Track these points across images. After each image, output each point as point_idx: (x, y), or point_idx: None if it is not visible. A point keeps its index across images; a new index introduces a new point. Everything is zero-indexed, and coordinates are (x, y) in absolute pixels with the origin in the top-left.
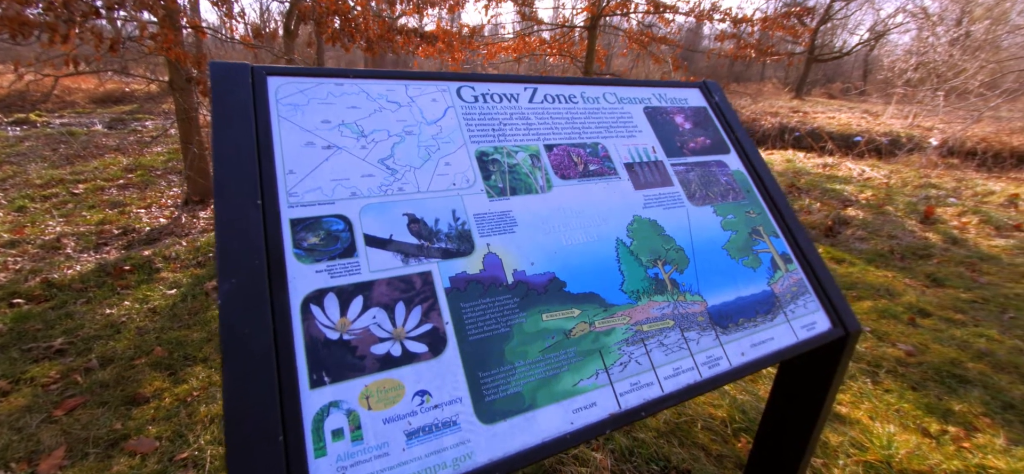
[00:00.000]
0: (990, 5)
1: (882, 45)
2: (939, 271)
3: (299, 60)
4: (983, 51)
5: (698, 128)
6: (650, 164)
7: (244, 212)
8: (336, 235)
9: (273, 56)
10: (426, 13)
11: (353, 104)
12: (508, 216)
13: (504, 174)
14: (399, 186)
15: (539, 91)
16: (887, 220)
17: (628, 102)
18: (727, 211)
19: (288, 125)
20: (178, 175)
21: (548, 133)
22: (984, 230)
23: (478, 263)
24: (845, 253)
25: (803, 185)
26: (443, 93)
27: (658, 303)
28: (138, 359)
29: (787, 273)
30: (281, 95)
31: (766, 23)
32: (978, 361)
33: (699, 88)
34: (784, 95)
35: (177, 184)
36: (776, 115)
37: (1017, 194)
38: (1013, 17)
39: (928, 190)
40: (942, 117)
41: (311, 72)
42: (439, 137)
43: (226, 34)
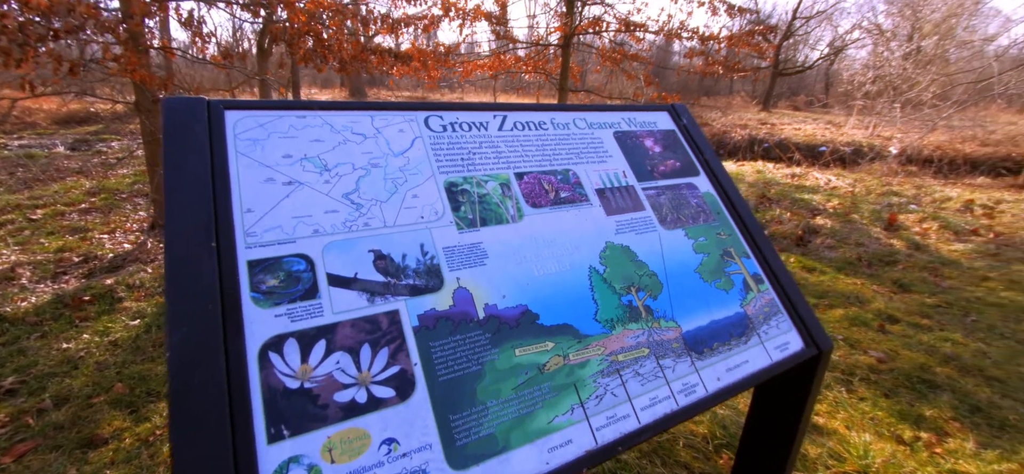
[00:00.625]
0: (938, 22)
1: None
2: (904, 277)
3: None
4: (933, 65)
5: (668, 151)
6: (621, 189)
7: (197, 255)
8: (297, 276)
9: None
10: (401, 33)
11: (316, 137)
12: (478, 248)
13: (474, 205)
14: (364, 221)
15: (508, 119)
16: (854, 228)
17: (598, 127)
18: (698, 234)
19: (247, 161)
20: (144, 198)
21: (518, 161)
22: (944, 235)
23: (448, 299)
24: (816, 262)
25: (773, 195)
26: (410, 123)
27: (633, 331)
28: (96, 397)
29: (759, 294)
30: (240, 130)
31: (732, 41)
32: (945, 365)
33: (668, 111)
34: (752, 108)
35: (143, 207)
36: (746, 127)
37: (972, 199)
38: (959, 32)
39: (890, 197)
40: (900, 127)
41: (272, 105)
42: (406, 169)
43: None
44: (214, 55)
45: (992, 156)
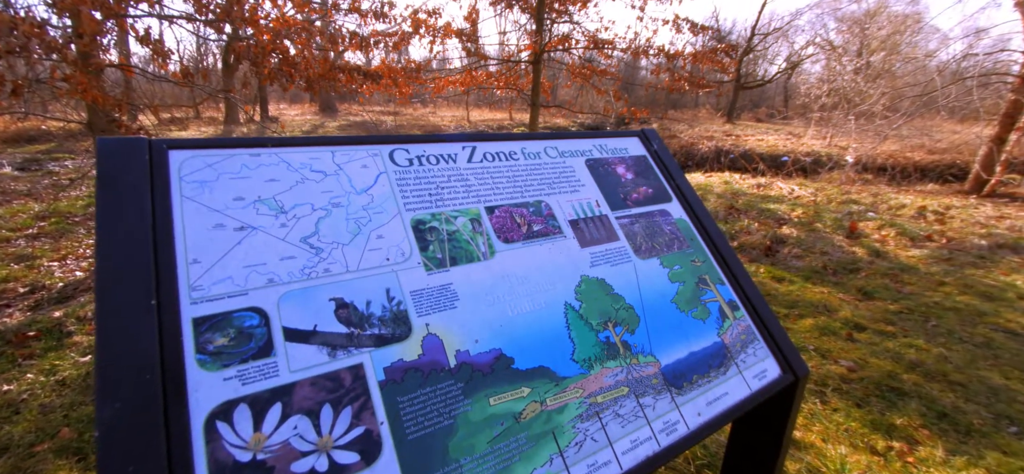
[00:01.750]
0: (884, 38)
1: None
2: (867, 284)
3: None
4: (882, 79)
5: (640, 178)
6: (595, 219)
7: (133, 317)
8: (249, 332)
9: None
10: (371, 50)
11: (271, 177)
12: (449, 290)
13: (443, 243)
14: (325, 267)
15: (478, 150)
16: (818, 237)
17: (570, 155)
18: (673, 262)
19: (193, 206)
20: None
21: (489, 194)
22: (901, 242)
23: (416, 347)
24: (784, 272)
25: (741, 206)
26: (374, 158)
27: (611, 369)
28: (40, 445)
29: (735, 321)
30: (186, 172)
31: (697, 58)
32: (911, 372)
33: (638, 136)
34: (718, 119)
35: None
36: (712, 139)
37: (924, 206)
38: (903, 48)
39: (850, 206)
40: (854, 137)
41: (223, 142)
42: (370, 207)
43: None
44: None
45: (939, 163)
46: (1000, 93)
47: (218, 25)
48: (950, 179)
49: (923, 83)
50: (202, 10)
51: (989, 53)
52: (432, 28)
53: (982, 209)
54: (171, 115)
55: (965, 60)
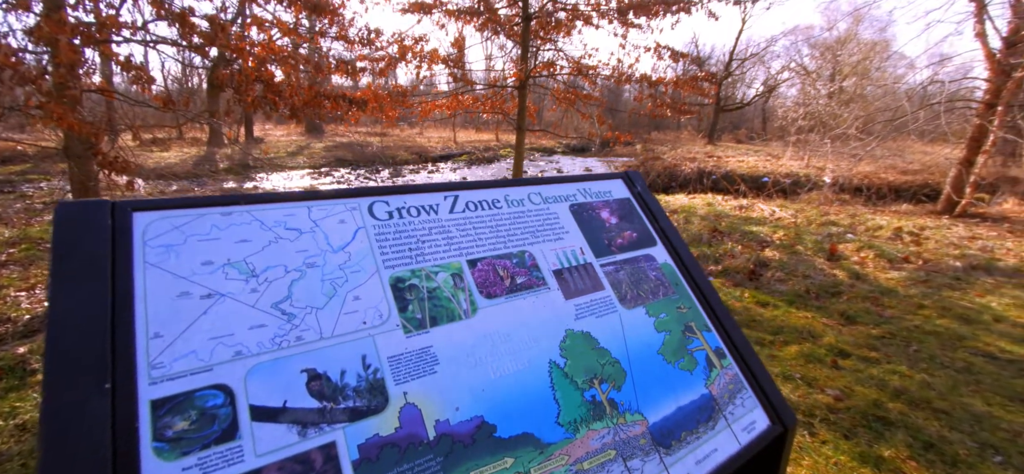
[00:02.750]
0: (855, 63)
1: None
2: (850, 308)
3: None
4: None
5: (624, 222)
6: (579, 268)
7: (84, 402)
8: (212, 413)
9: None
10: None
11: (243, 237)
12: (428, 353)
13: (423, 302)
14: (297, 334)
15: (460, 199)
16: (800, 260)
17: (553, 201)
18: (659, 310)
19: (157, 273)
20: None
21: (471, 246)
22: (880, 264)
23: (393, 420)
24: (769, 296)
25: (724, 228)
26: (352, 212)
27: (598, 431)
28: None
29: (722, 370)
30: (150, 235)
31: (678, 84)
32: (896, 400)
33: (622, 178)
34: (699, 141)
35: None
36: (694, 160)
37: (900, 227)
38: (873, 73)
39: (829, 227)
40: (830, 159)
41: (192, 202)
42: (347, 266)
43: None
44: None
45: (912, 184)
46: (966, 117)
47: (204, 49)
48: (923, 199)
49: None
50: (187, 35)
51: (953, 80)
52: (419, 54)
53: (955, 229)
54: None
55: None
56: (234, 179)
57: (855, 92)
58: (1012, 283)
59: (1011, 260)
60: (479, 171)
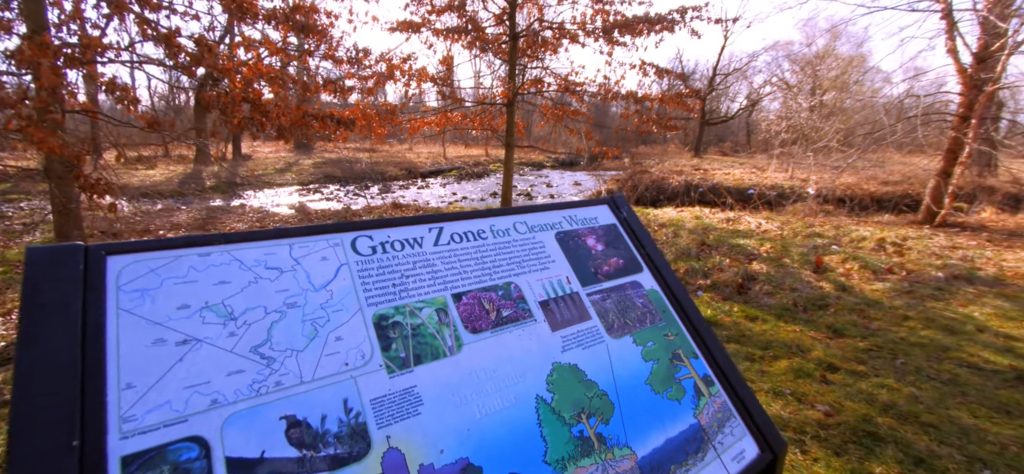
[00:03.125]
0: (834, 77)
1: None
2: (836, 320)
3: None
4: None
5: (610, 248)
6: (565, 298)
7: (51, 461)
8: (186, 467)
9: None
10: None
11: (222, 278)
12: (412, 394)
13: (406, 340)
14: (276, 379)
15: (445, 231)
16: (787, 273)
17: (539, 230)
18: (646, 338)
19: (131, 320)
20: None
21: (456, 280)
22: (864, 275)
23: (375, 467)
24: (757, 310)
25: (712, 241)
26: (335, 248)
27: (586, 468)
28: None
29: (710, 398)
30: (125, 279)
31: (664, 101)
32: (885, 414)
33: (607, 204)
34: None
35: None
36: (681, 173)
37: (883, 238)
38: (852, 86)
39: (814, 239)
40: (813, 171)
41: (168, 243)
42: (329, 305)
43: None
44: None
45: (893, 194)
46: (942, 129)
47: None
48: (904, 209)
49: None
50: (174, 56)
51: (929, 94)
52: (407, 72)
53: (936, 239)
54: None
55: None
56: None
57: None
58: (993, 292)
59: (991, 269)
60: (468, 186)
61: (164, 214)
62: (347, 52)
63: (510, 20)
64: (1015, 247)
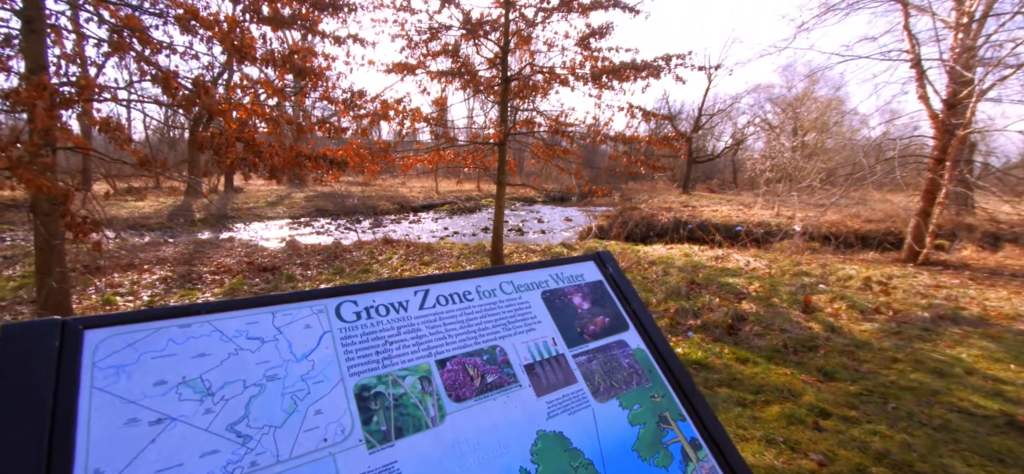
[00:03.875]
0: (815, 118)
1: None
2: (827, 363)
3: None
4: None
5: (596, 306)
6: (551, 361)
7: None
8: None
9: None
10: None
11: (201, 351)
12: (392, 470)
13: (388, 411)
14: (252, 459)
15: (431, 293)
16: (776, 312)
17: (526, 289)
18: (633, 401)
19: (104, 399)
20: (30, 306)
21: (440, 345)
22: (853, 315)
23: None
24: (748, 352)
25: (702, 280)
26: (319, 315)
27: None
28: None
29: (698, 464)
30: (101, 355)
31: (651, 142)
32: (879, 464)
33: (594, 260)
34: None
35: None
36: (670, 210)
37: (869, 276)
38: (831, 127)
39: (802, 278)
40: (798, 208)
41: (149, 315)
42: (310, 376)
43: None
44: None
45: (876, 231)
46: (919, 169)
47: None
48: (887, 246)
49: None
50: (171, 95)
51: (904, 137)
52: (401, 112)
53: (920, 278)
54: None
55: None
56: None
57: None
58: (978, 333)
59: (975, 309)
60: (461, 221)
61: (150, 248)
62: (343, 93)
63: (502, 64)
64: (997, 286)
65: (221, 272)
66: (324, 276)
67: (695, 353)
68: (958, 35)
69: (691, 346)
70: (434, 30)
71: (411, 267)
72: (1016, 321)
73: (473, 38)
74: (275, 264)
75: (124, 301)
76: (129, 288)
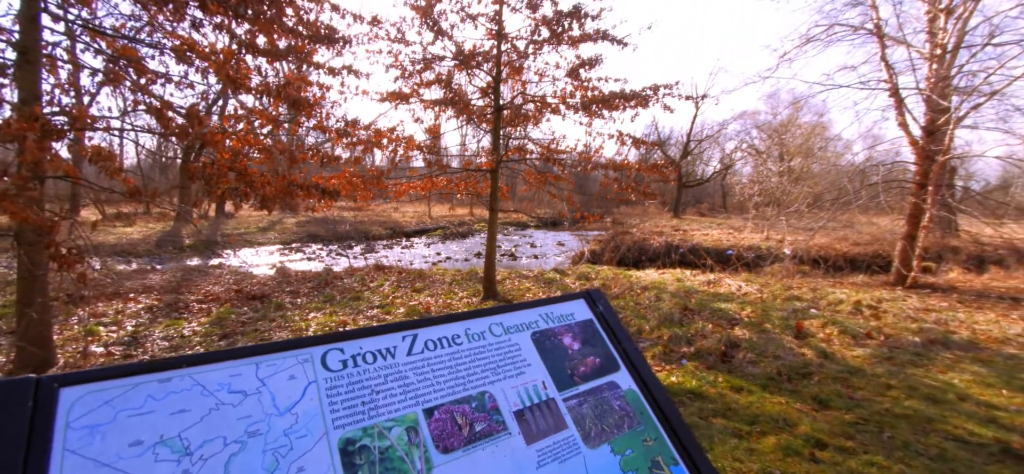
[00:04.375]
0: (800, 143)
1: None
2: (821, 391)
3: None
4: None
5: (587, 347)
6: (541, 406)
7: None
8: None
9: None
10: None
11: (181, 406)
12: None
13: (373, 465)
14: None
15: (419, 338)
16: (769, 339)
17: (515, 331)
18: (625, 446)
19: (76, 463)
20: (8, 338)
21: (428, 393)
22: (845, 340)
23: None
24: (743, 380)
25: (694, 305)
26: (304, 365)
27: None
28: None
29: None
30: (76, 415)
31: (641, 169)
32: None
33: (584, 298)
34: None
35: (3, 351)
36: (662, 234)
37: (859, 300)
38: (817, 151)
39: (793, 303)
40: (787, 232)
41: (128, 370)
42: (293, 431)
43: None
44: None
45: (865, 254)
46: (903, 193)
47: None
48: (876, 269)
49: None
50: (164, 125)
51: (887, 162)
52: (395, 140)
53: (909, 301)
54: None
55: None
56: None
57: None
58: (969, 357)
59: (964, 333)
60: (453, 246)
61: (137, 276)
62: (337, 122)
63: (494, 93)
64: (984, 308)
65: (209, 300)
66: (314, 304)
67: (689, 382)
68: (933, 65)
69: (685, 375)
70: (428, 60)
71: (402, 294)
72: (1005, 345)
73: (466, 69)
74: (264, 292)
75: (107, 331)
76: (113, 318)
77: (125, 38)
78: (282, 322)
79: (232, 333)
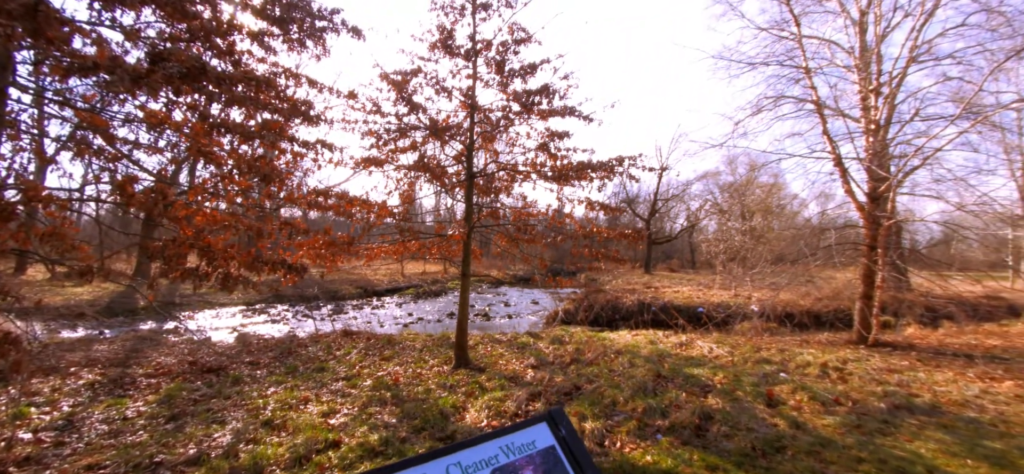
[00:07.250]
0: (759, 201)
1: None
2: (795, 467)
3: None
4: (763, 238)
5: None
6: None
7: None
8: None
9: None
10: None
11: None
12: None
13: None
14: None
15: None
16: (742, 408)
17: (474, 470)
18: None
19: None
20: None
21: None
22: (815, 408)
23: None
24: (718, 457)
25: (667, 372)
26: None
27: None
28: None
29: None
30: None
31: (610, 235)
32: None
33: (546, 422)
34: (637, 270)
35: None
36: (634, 292)
37: (825, 362)
38: (776, 209)
39: (763, 366)
40: (753, 289)
41: None
42: None
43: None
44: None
45: (828, 309)
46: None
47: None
48: (839, 326)
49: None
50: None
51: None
52: (367, 206)
53: (872, 361)
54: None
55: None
56: (153, 319)
57: (764, 228)
58: (933, 423)
59: (926, 396)
60: (426, 305)
61: (81, 345)
62: (308, 192)
63: (467, 161)
64: (942, 366)
65: (159, 374)
66: (275, 376)
67: (665, 460)
68: (869, 137)
69: (660, 453)
70: (403, 130)
71: (370, 363)
72: (965, 407)
73: (439, 140)
74: (221, 364)
75: (39, 413)
76: (48, 396)
77: (93, 110)
78: (238, 399)
79: (181, 414)
